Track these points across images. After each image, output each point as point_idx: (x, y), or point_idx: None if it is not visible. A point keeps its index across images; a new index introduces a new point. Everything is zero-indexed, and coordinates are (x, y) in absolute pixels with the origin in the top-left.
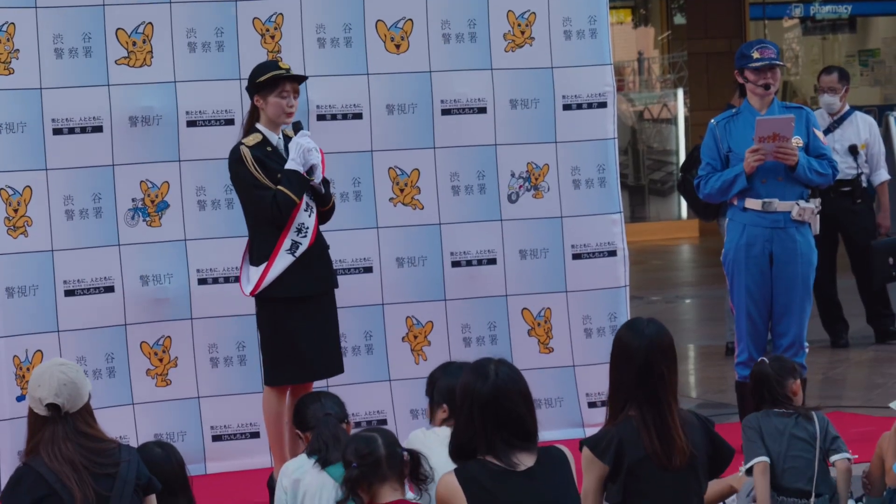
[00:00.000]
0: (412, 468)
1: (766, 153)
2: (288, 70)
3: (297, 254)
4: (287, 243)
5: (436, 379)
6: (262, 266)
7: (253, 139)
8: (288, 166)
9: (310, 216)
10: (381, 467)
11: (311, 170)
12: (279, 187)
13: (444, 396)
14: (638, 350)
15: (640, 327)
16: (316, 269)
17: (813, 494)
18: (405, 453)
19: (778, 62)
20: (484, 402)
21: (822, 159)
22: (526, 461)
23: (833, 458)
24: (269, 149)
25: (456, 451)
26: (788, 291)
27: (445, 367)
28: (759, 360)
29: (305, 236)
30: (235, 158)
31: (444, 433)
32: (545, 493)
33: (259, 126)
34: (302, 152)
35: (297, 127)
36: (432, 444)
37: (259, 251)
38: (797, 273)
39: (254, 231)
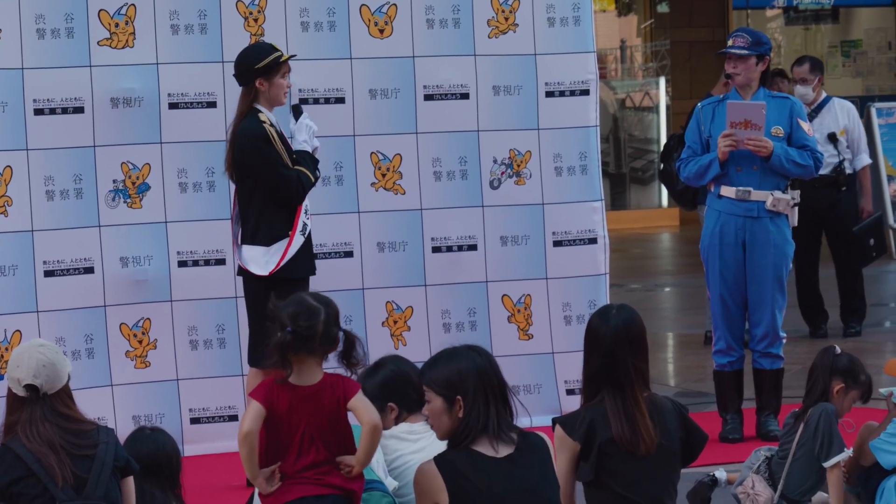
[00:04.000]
0: (346, 350)
1: (739, 140)
2: (282, 53)
3: (306, 234)
4: (300, 225)
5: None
6: (279, 245)
7: (266, 118)
8: (300, 147)
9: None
10: (313, 342)
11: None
12: (298, 167)
13: (386, 395)
14: (603, 339)
15: (609, 315)
16: (306, 252)
17: (775, 498)
18: (340, 334)
19: (736, 51)
20: (488, 377)
21: (805, 150)
22: (509, 444)
23: (825, 464)
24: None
25: (458, 440)
26: (760, 281)
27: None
28: (833, 349)
29: (310, 218)
30: (262, 138)
31: (402, 429)
32: (524, 478)
33: (259, 106)
34: (311, 134)
35: (298, 109)
36: (406, 438)
37: (268, 231)
38: (769, 263)
39: (261, 211)
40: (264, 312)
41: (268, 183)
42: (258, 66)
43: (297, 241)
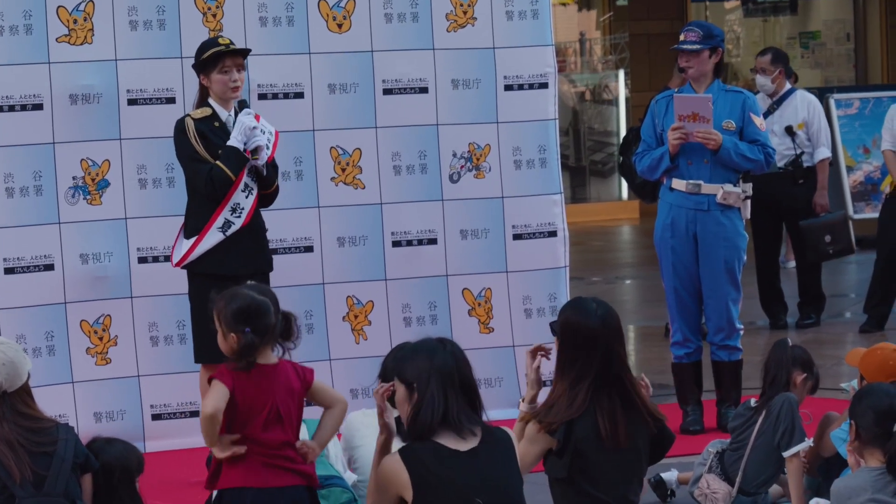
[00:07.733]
0: (283, 329)
1: (688, 133)
2: (228, 45)
3: (228, 233)
4: (219, 221)
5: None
6: (192, 239)
7: (201, 112)
8: (229, 143)
9: (247, 197)
10: (268, 335)
11: (255, 150)
12: (217, 162)
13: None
14: (595, 334)
15: (590, 309)
16: (247, 250)
17: (733, 492)
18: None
19: (687, 47)
20: (448, 372)
21: (756, 145)
22: (474, 438)
23: (785, 453)
24: (216, 124)
25: (416, 430)
26: (711, 275)
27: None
28: (787, 341)
29: (239, 216)
30: (179, 129)
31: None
32: (488, 472)
33: (211, 101)
34: (244, 130)
35: (243, 105)
36: (371, 425)
37: (192, 224)
38: (720, 257)
39: (190, 203)
40: (199, 308)
41: (184, 174)
42: (198, 62)
43: (213, 236)
